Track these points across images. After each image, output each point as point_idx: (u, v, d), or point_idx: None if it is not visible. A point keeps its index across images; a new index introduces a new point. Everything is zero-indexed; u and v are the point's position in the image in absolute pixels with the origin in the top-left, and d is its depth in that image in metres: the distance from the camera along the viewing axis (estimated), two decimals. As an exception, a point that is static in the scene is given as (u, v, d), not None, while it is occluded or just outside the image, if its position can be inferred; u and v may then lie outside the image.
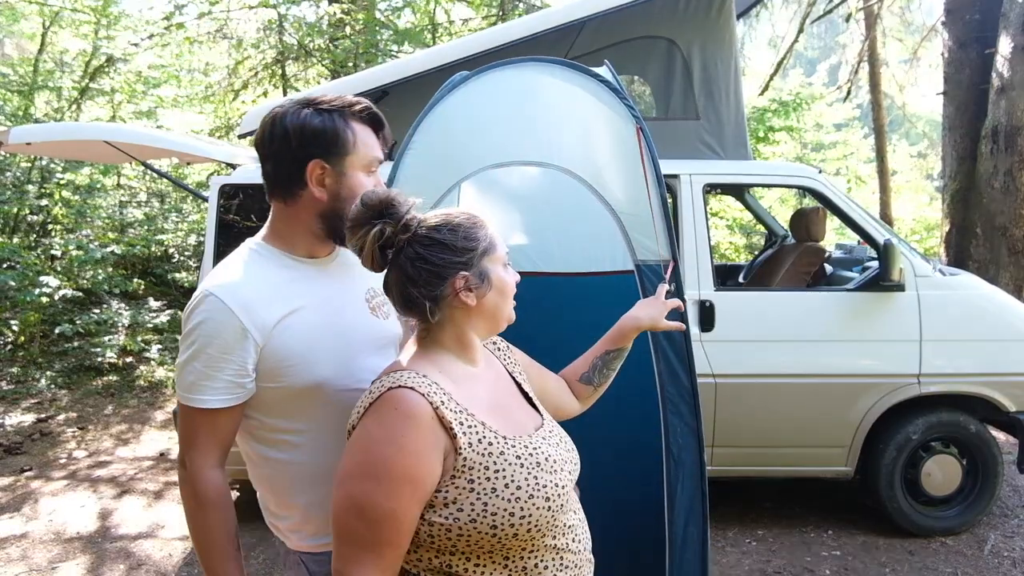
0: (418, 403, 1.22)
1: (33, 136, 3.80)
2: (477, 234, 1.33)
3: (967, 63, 7.44)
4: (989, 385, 3.78)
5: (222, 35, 10.33)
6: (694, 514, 2.29)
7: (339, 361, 1.46)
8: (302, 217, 1.48)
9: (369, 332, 1.55)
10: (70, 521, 4.32)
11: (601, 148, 2.40)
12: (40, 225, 8.90)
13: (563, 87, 2.41)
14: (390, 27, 9.56)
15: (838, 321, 3.81)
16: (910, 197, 15.25)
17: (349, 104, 1.48)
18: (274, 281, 1.44)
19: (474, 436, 1.25)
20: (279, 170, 1.47)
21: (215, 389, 1.38)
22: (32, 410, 6.52)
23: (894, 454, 3.83)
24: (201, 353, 1.37)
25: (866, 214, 3.95)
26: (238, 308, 1.37)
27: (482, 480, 1.23)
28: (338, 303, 1.52)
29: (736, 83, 4.29)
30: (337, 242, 1.53)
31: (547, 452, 1.32)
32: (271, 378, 1.41)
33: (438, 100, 2.36)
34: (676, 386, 2.30)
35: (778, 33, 13.62)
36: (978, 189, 7.10)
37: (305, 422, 1.46)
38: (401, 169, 2.31)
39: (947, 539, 3.89)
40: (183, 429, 1.43)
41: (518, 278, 1.41)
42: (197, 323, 1.38)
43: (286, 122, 1.44)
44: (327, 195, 1.46)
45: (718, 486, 4.42)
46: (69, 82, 9.51)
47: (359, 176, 1.49)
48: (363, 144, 1.48)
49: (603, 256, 2.40)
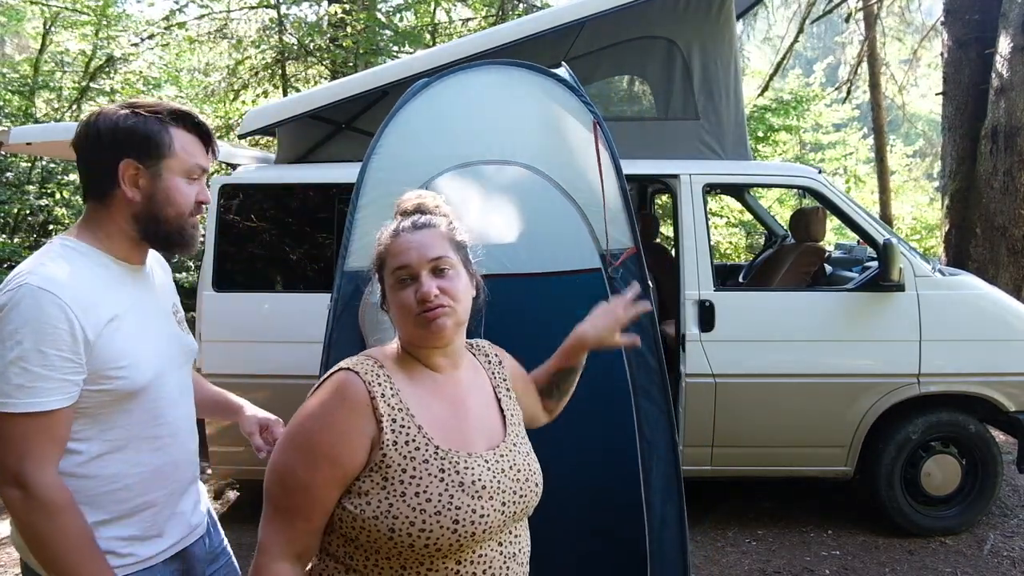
0: (357, 388, 1.25)
1: (33, 136, 3.80)
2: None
3: (967, 63, 7.43)
4: (989, 385, 3.78)
5: (222, 35, 10.33)
6: (670, 493, 2.36)
7: (156, 370, 1.46)
8: (116, 218, 1.46)
9: (178, 343, 1.58)
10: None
11: (561, 144, 2.49)
12: (40, 225, 8.88)
13: (523, 88, 2.52)
14: (390, 27, 9.56)
15: (838, 321, 3.81)
16: (909, 197, 15.25)
17: (172, 111, 1.48)
18: (97, 281, 1.40)
19: (402, 436, 1.24)
20: (91, 168, 1.46)
21: (50, 390, 1.30)
22: None
23: (894, 454, 3.83)
24: (33, 352, 1.28)
25: (866, 214, 3.95)
26: (70, 303, 1.32)
27: (395, 481, 1.22)
28: (152, 311, 1.53)
29: (736, 83, 4.30)
30: (155, 246, 1.53)
31: (479, 475, 1.27)
32: (95, 380, 1.36)
33: (401, 105, 2.46)
34: (645, 371, 2.37)
35: (777, 33, 13.63)
36: (977, 189, 7.11)
37: (110, 431, 1.41)
38: (368, 172, 2.41)
39: (947, 539, 3.89)
40: (9, 441, 1.29)
41: (414, 297, 1.30)
42: (27, 319, 1.28)
43: (100, 122, 1.43)
44: (140, 196, 1.45)
45: (718, 486, 4.44)
46: (69, 82, 9.50)
47: (176, 180, 1.47)
48: (183, 150, 1.47)
49: (571, 255, 2.47)
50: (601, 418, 2.46)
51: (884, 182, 12.37)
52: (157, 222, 1.46)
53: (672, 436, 2.37)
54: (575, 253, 2.48)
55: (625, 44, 4.36)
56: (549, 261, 2.49)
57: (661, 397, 2.37)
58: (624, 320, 1.67)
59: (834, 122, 14.37)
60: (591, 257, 2.45)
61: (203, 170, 1.52)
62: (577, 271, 2.48)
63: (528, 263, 2.49)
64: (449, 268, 1.33)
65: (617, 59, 4.47)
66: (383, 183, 2.39)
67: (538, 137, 2.51)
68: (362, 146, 4.03)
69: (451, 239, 1.38)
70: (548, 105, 2.51)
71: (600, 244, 2.43)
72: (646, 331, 2.34)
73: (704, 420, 3.79)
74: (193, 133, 1.50)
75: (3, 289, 1.33)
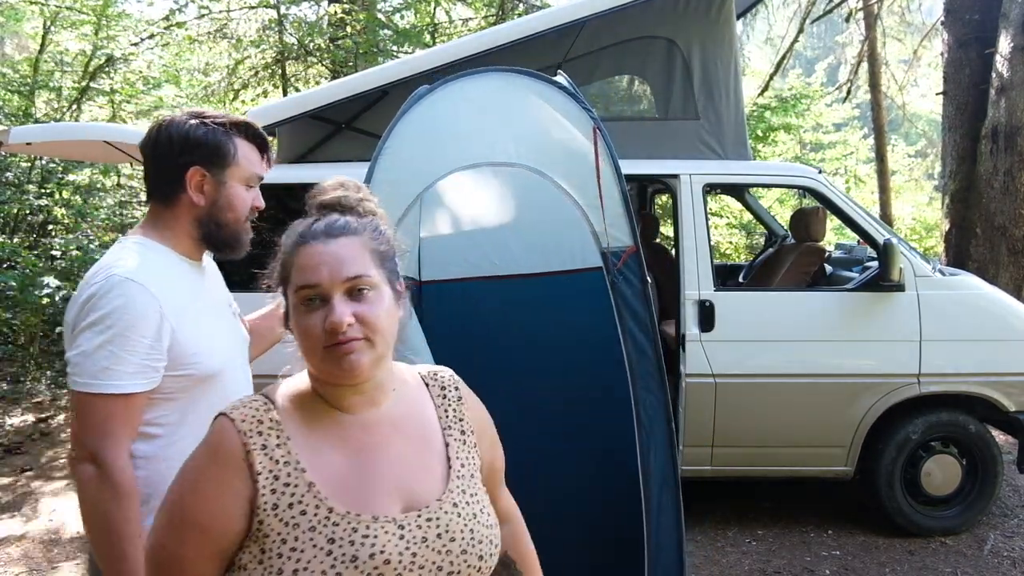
0: (230, 440, 1.02)
1: (33, 136, 3.81)
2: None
3: (967, 63, 7.41)
4: (989, 385, 3.77)
5: (222, 35, 10.31)
6: (668, 482, 2.41)
7: (224, 358, 1.57)
8: (180, 219, 1.57)
9: (239, 334, 1.71)
10: (70, 521, 4.31)
11: (562, 148, 2.55)
12: (40, 225, 8.88)
13: (524, 94, 2.58)
14: (390, 27, 9.55)
15: (838, 321, 3.81)
16: (910, 197, 15.23)
17: (234, 122, 1.59)
18: (171, 273, 1.52)
19: (286, 498, 1.00)
20: (160, 172, 1.56)
21: (130, 374, 1.39)
22: (32, 410, 6.51)
23: (894, 454, 3.83)
24: (119, 337, 1.38)
25: (866, 214, 3.95)
26: (156, 292, 1.42)
27: (273, 555, 0.97)
28: (213, 304, 1.64)
29: (736, 83, 4.29)
30: (211, 248, 1.64)
31: (382, 547, 1.00)
32: (175, 366, 1.46)
33: (405, 111, 2.52)
34: (644, 362, 2.42)
35: (777, 33, 13.62)
36: (978, 189, 7.09)
37: (189, 416, 1.50)
38: (375, 175, 2.44)
39: (947, 539, 3.89)
40: (91, 420, 1.38)
41: (322, 325, 1.05)
42: (116, 307, 1.39)
43: (171, 130, 1.54)
44: (205, 201, 1.56)
45: (718, 486, 4.43)
46: (69, 82, 9.50)
47: (237, 187, 1.59)
48: (244, 159, 1.59)
49: (572, 255, 2.54)
50: (600, 421, 2.52)
51: (884, 182, 12.35)
52: (217, 226, 1.58)
53: (670, 427, 2.43)
54: (577, 253, 2.53)
55: (625, 44, 4.35)
56: (550, 261, 2.56)
57: (660, 388, 2.43)
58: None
59: (834, 122, 14.36)
60: (592, 256, 2.50)
61: (259, 178, 1.64)
62: (578, 270, 2.53)
63: (529, 263, 2.55)
64: (369, 289, 1.06)
65: (617, 59, 4.46)
66: (390, 185, 2.42)
67: (539, 141, 2.56)
68: (362, 146, 4.07)
69: (374, 250, 1.10)
70: (548, 110, 2.56)
71: (601, 243, 2.48)
72: (646, 328, 2.40)
73: (704, 420, 3.78)
74: (252, 142, 1.61)
75: (90, 281, 1.43)
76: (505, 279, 2.56)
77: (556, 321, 2.56)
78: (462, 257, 2.60)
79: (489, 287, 2.58)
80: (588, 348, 2.55)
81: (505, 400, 2.63)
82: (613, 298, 2.42)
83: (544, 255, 2.56)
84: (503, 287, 2.57)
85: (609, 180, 2.49)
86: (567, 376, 2.54)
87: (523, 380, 2.53)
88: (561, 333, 2.56)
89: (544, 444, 2.53)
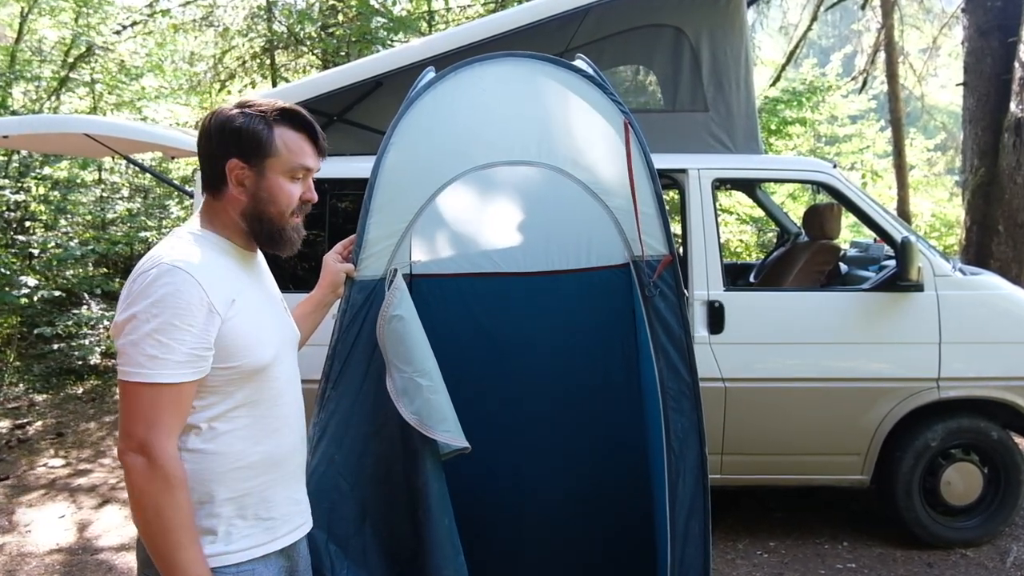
0: None
1: (10, 129, 3.73)
2: None
3: (988, 52, 7.32)
4: (1011, 390, 3.71)
5: (208, 23, 10.15)
6: (696, 510, 2.30)
7: (275, 350, 1.56)
8: (229, 212, 1.56)
9: (289, 328, 1.71)
10: (49, 533, 4.20)
11: (589, 144, 2.37)
12: (17, 222, 8.73)
13: (543, 82, 2.37)
14: (384, 14, 9.31)
15: (853, 323, 3.73)
16: (929, 193, 15.03)
17: (280, 109, 1.55)
18: (221, 264, 1.51)
19: None
20: (206, 166, 1.56)
21: (178, 362, 1.38)
22: (9, 416, 6.38)
23: (912, 462, 3.75)
24: (167, 325, 1.36)
25: (883, 210, 3.88)
26: (203, 282, 1.41)
27: None
28: (265, 296, 1.63)
29: (747, 73, 4.20)
30: (258, 244, 1.62)
31: None
32: (223, 358, 1.45)
33: (412, 101, 2.32)
34: (677, 382, 2.30)
35: (791, 21, 13.43)
36: (1000, 184, 7.03)
37: (238, 408, 1.49)
38: (381, 173, 2.26)
39: (967, 551, 3.82)
40: (139, 409, 1.38)
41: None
42: (163, 295, 1.37)
43: (213, 121, 1.53)
44: (246, 195, 1.54)
45: (728, 495, 4.37)
46: (48, 72, 9.35)
47: (279, 179, 1.55)
48: (287, 149, 1.54)
49: (598, 252, 2.49)
50: (602, 420, 2.57)
51: (902, 177, 12.13)
52: (260, 220, 1.55)
53: (702, 451, 2.31)
54: (603, 250, 2.46)
55: (630, 32, 4.24)
56: (572, 258, 2.53)
57: (693, 410, 2.30)
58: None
59: (850, 114, 14.12)
60: (619, 253, 2.39)
61: (307, 170, 1.59)
62: (603, 267, 2.49)
63: (548, 261, 2.54)
64: None
65: (622, 48, 4.34)
66: (397, 184, 2.27)
67: (560, 136, 2.37)
68: (355, 139, 3.97)
69: None
70: (572, 101, 2.36)
71: (633, 249, 2.33)
72: (680, 346, 2.29)
73: (713, 426, 3.68)
74: (300, 132, 1.57)
75: (140, 270, 1.42)
76: (524, 276, 2.56)
77: (578, 320, 2.55)
78: (473, 253, 2.57)
79: (490, 284, 2.57)
80: (598, 348, 2.55)
81: (510, 399, 2.57)
82: (646, 311, 2.29)
83: (565, 252, 2.54)
84: (512, 284, 2.57)
85: (643, 181, 2.29)
86: (571, 376, 2.55)
87: (523, 380, 2.55)
88: (584, 332, 2.56)
89: (544, 444, 2.58)
